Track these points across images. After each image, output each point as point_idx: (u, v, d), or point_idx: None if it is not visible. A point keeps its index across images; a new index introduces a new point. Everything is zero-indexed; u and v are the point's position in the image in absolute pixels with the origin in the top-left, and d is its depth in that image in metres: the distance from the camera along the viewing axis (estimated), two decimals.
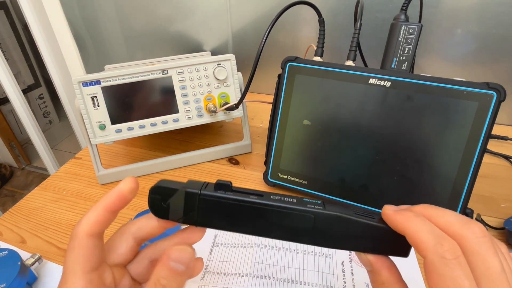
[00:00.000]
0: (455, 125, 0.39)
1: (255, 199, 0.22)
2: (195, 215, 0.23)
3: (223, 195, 0.23)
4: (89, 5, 0.86)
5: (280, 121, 0.48)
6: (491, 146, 0.60)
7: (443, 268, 0.17)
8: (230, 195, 0.23)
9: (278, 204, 0.22)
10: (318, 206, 0.22)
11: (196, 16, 0.79)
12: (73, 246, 0.22)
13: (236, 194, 0.23)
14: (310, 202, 0.23)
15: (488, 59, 0.64)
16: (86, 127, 0.50)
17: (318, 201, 0.23)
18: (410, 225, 0.20)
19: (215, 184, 0.23)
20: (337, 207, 0.22)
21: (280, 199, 0.23)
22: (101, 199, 0.23)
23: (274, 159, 0.50)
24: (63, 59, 1.00)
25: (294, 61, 0.46)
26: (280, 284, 0.38)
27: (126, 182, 0.23)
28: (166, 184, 0.24)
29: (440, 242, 0.18)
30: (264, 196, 0.23)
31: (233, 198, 0.22)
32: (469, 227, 0.19)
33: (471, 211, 0.42)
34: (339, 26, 0.69)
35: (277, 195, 0.23)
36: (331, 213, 0.22)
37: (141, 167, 0.56)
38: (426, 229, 0.19)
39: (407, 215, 0.20)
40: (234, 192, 0.23)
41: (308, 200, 0.23)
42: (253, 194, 0.23)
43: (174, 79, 0.52)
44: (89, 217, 0.23)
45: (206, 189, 0.23)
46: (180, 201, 0.23)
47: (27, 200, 0.53)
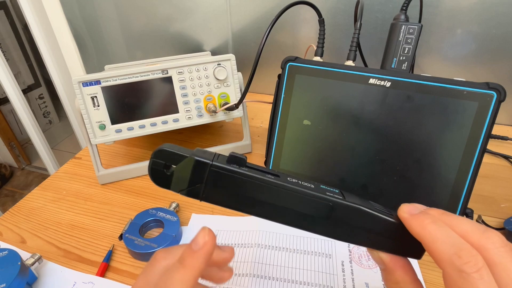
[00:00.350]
0: (455, 125, 0.39)
1: (271, 178, 0.20)
2: (202, 187, 0.21)
3: (236, 169, 0.20)
4: (89, 5, 0.86)
5: (280, 121, 0.48)
6: (491, 146, 0.60)
7: (462, 283, 0.16)
8: (244, 170, 0.20)
9: (296, 188, 0.20)
10: (337, 195, 0.21)
11: (196, 16, 0.79)
12: None
13: (250, 171, 0.20)
14: (328, 190, 0.21)
15: (488, 59, 0.64)
16: (86, 127, 0.50)
17: (336, 189, 0.22)
18: (426, 233, 0.18)
19: (228, 157, 0.21)
20: (356, 198, 0.21)
21: (298, 183, 0.21)
22: (187, 266, 0.20)
23: (274, 159, 0.50)
24: (63, 59, 1.00)
25: (294, 61, 0.46)
26: (280, 284, 0.38)
27: (209, 239, 0.21)
28: (172, 149, 0.21)
29: (457, 254, 0.16)
30: (280, 177, 0.21)
31: (248, 174, 0.20)
32: (488, 237, 0.17)
33: (471, 211, 0.42)
34: (339, 26, 0.69)
35: (294, 177, 0.21)
36: (350, 204, 0.20)
37: (141, 167, 0.56)
38: (442, 238, 0.18)
39: (423, 221, 0.19)
40: (248, 168, 0.21)
41: (326, 187, 0.21)
42: (269, 173, 0.21)
43: (174, 79, 0.52)
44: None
45: (218, 160, 0.21)
46: (186, 170, 0.21)
47: (27, 200, 0.53)
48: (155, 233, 0.46)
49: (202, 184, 0.21)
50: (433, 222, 0.19)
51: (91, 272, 0.41)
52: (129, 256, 0.43)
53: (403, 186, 0.43)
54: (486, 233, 0.17)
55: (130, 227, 0.44)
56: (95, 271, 0.41)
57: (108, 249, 0.44)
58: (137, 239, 0.42)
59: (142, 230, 0.45)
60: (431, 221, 0.19)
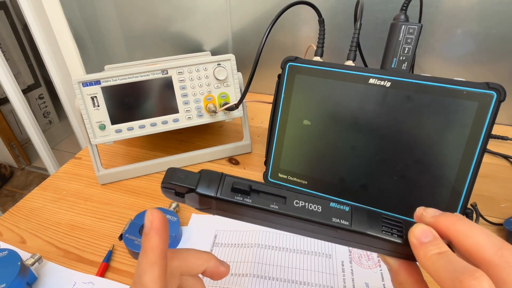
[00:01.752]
0: (455, 125, 0.39)
1: (276, 208, 0.21)
2: (211, 209, 0.22)
3: (240, 201, 0.21)
4: (89, 5, 0.86)
5: (280, 121, 0.48)
6: (491, 146, 0.60)
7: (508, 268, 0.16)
8: (248, 201, 0.21)
9: (301, 216, 0.21)
10: (344, 219, 0.21)
11: (196, 16, 0.79)
12: None
13: (255, 200, 0.21)
14: (336, 212, 0.21)
15: (488, 59, 0.64)
16: (86, 127, 0.50)
17: (346, 207, 0.22)
18: (430, 264, 0.18)
19: (231, 187, 0.22)
20: (364, 218, 0.21)
21: (304, 208, 0.21)
22: (147, 251, 0.21)
23: (274, 159, 0.50)
24: (63, 59, 1.00)
25: (294, 61, 0.46)
26: (280, 284, 0.38)
27: (154, 217, 0.21)
28: (178, 181, 0.22)
29: (458, 278, 0.16)
30: (286, 202, 0.21)
31: (252, 205, 0.21)
32: (501, 255, 0.17)
33: (471, 211, 0.42)
34: (339, 26, 0.69)
35: (301, 199, 0.21)
36: (356, 231, 0.21)
37: (141, 167, 0.56)
38: (445, 267, 0.18)
39: (428, 253, 0.19)
40: (253, 196, 0.21)
41: (334, 206, 0.21)
42: (276, 195, 0.22)
43: (174, 79, 0.52)
44: (152, 276, 0.20)
45: (222, 191, 0.21)
46: (194, 198, 0.22)
47: (27, 200, 0.53)
48: None
49: (211, 208, 0.22)
50: (438, 254, 0.18)
51: (91, 272, 0.41)
52: (129, 256, 0.43)
53: (403, 186, 0.43)
54: (501, 250, 0.17)
55: (130, 227, 0.44)
56: (95, 271, 0.41)
57: (108, 249, 0.44)
58: (137, 239, 0.42)
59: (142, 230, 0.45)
60: (437, 253, 0.19)
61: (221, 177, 0.22)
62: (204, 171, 0.22)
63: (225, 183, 0.22)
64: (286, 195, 0.22)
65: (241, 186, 0.21)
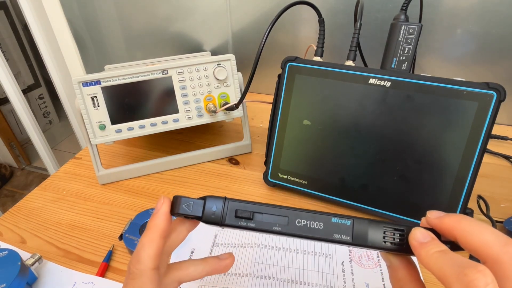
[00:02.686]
0: (455, 125, 0.39)
1: (279, 230, 0.22)
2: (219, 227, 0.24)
3: (245, 226, 0.23)
4: (89, 5, 0.86)
5: (280, 121, 0.48)
6: (491, 146, 0.60)
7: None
8: (252, 225, 0.23)
9: (303, 234, 0.22)
10: (346, 234, 0.22)
11: (196, 16, 0.79)
12: (142, 284, 0.22)
13: (258, 223, 0.23)
14: (337, 227, 0.22)
15: (488, 59, 0.64)
16: (86, 127, 0.50)
17: (347, 221, 0.22)
18: (433, 264, 0.19)
19: (235, 214, 0.23)
20: (366, 231, 0.21)
21: (306, 226, 0.22)
22: (151, 228, 0.23)
23: (274, 159, 0.50)
24: (63, 59, 1.00)
25: (294, 61, 0.46)
26: (280, 284, 0.38)
27: (165, 202, 0.24)
28: (184, 212, 0.24)
29: (463, 272, 0.17)
30: (288, 223, 0.22)
31: (256, 228, 0.23)
32: (507, 251, 0.17)
33: (471, 211, 0.42)
34: (339, 26, 0.69)
35: (303, 217, 0.22)
36: (358, 244, 0.22)
37: (141, 167, 0.56)
38: (448, 263, 0.18)
39: (429, 252, 0.19)
40: (256, 220, 0.23)
41: (336, 221, 0.22)
42: (278, 215, 0.23)
43: (174, 79, 0.52)
44: (149, 251, 0.22)
45: (227, 217, 0.23)
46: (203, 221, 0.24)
47: (27, 200, 0.53)
48: None
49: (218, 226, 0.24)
50: (439, 251, 0.19)
51: (91, 272, 0.41)
52: (129, 256, 0.43)
53: (403, 186, 0.43)
54: (507, 247, 0.17)
55: (130, 227, 0.44)
56: (95, 271, 0.41)
57: (108, 249, 0.44)
58: (137, 239, 0.42)
59: (142, 230, 0.45)
60: (437, 251, 0.19)
61: (224, 203, 0.23)
62: (208, 198, 0.24)
63: (228, 209, 0.23)
64: (288, 215, 0.22)
65: (244, 214, 0.23)
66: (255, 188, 0.53)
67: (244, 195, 0.52)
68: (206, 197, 0.23)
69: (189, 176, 0.57)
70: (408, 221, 0.43)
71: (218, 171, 0.58)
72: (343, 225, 0.22)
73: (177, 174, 0.57)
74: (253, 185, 0.54)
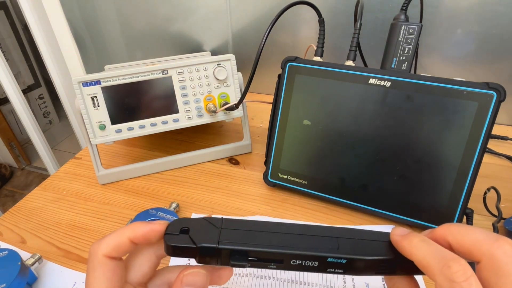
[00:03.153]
0: (455, 125, 0.39)
1: (274, 267, 0.22)
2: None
3: (240, 265, 0.22)
4: (89, 5, 0.86)
5: (280, 121, 0.48)
6: (491, 146, 0.60)
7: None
8: (248, 265, 0.22)
9: (298, 270, 0.22)
10: (340, 268, 0.22)
11: (196, 16, 0.79)
12: (93, 266, 0.21)
13: (254, 264, 0.22)
14: (332, 264, 0.22)
15: (488, 59, 0.64)
16: (86, 127, 0.50)
17: (343, 260, 0.21)
18: (416, 251, 0.19)
19: (230, 253, 0.22)
20: (361, 267, 0.21)
21: (301, 265, 0.22)
22: (129, 227, 0.22)
23: (274, 159, 0.50)
24: (63, 59, 1.00)
25: (294, 61, 0.46)
26: (280, 284, 0.38)
27: (161, 224, 0.22)
28: (178, 243, 0.22)
29: (447, 264, 0.17)
30: (284, 262, 0.22)
31: (251, 267, 0.22)
32: (499, 246, 0.17)
33: (471, 211, 0.42)
34: (339, 26, 0.69)
35: (298, 258, 0.22)
36: (351, 274, 0.22)
37: (141, 167, 0.56)
38: (431, 252, 0.18)
39: (412, 241, 0.20)
40: (251, 261, 0.22)
41: (332, 261, 0.21)
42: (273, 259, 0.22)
43: (174, 79, 0.52)
44: (109, 241, 0.22)
45: (222, 260, 0.22)
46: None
47: (27, 200, 0.53)
48: None
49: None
50: (420, 240, 0.20)
51: None
52: None
53: (403, 186, 0.43)
54: (498, 241, 0.17)
55: None
56: None
57: None
58: None
59: None
60: (420, 240, 0.20)
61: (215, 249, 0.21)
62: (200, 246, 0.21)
63: (222, 254, 0.22)
64: (283, 259, 0.22)
65: (238, 260, 0.22)
66: (255, 188, 0.53)
67: (244, 195, 0.52)
68: (197, 245, 0.22)
69: (189, 176, 0.57)
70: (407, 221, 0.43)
71: (218, 171, 0.58)
72: (338, 263, 0.22)
73: (177, 174, 0.57)
74: (253, 185, 0.54)
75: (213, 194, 0.52)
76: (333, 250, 0.22)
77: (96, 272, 0.21)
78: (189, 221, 0.23)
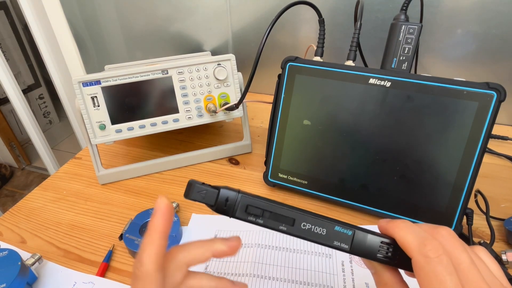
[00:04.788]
0: (455, 125, 0.39)
1: (284, 229, 0.24)
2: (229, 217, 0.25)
3: (253, 221, 0.24)
4: (89, 5, 0.86)
5: (280, 121, 0.48)
6: (491, 146, 0.60)
7: (427, 266, 0.20)
8: (260, 221, 0.24)
9: (306, 237, 0.24)
10: (345, 243, 0.23)
11: (196, 16, 0.79)
12: (144, 285, 0.22)
13: (266, 221, 0.24)
14: (339, 235, 0.23)
15: (488, 59, 0.64)
16: (86, 127, 0.50)
17: (349, 231, 0.23)
18: (398, 230, 0.22)
19: (245, 209, 0.24)
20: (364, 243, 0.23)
21: (310, 230, 0.23)
22: (150, 229, 0.23)
23: (274, 159, 0.50)
24: (63, 59, 1.00)
25: (294, 61, 0.46)
26: (280, 284, 0.38)
27: (162, 201, 0.24)
28: (197, 198, 0.24)
29: (423, 243, 0.20)
30: (294, 224, 0.24)
31: (263, 224, 0.24)
32: (438, 232, 0.21)
33: (471, 211, 0.42)
34: (339, 26, 0.69)
35: (309, 221, 0.23)
36: (354, 253, 0.23)
37: (141, 167, 0.56)
38: (411, 232, 0.21)
39: (396, 222, 0.23)
40: (264, 217, 0.24)
41: (339, 230, 0.23)
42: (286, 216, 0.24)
43: (174, 79, 0.52)
44: (149, 252, 0.23)
45: (238, 210, 0.24)
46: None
47: (27, 200, 0.53)
48: None
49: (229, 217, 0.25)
50: (403, 222, 0.23)
51: (91, 272, 0.41)
52: (129, 256, 0.43)
53: (403, 186, 0.43)
54: (437, 228, 0.21)
55: (130, 227, 0.44)
56: (95, 271, 0.41)
57: (108, 249, 0.44)
58: (137, 239, 0.42)
59: (142, 230, 0.45)
60: (402, 221, 0.23)
61: (237, 197, 0.24)
62: (222, 189, 0.24)
63: (240, 203, 0.24)
64: (295, 217, 0.24)
65: (254, 210, 0.24)
66: (255, 188, 0.53)
67: None
68: (219, 188, 0.24)
69: (189, 176, 0.57)
70: None
71: (218, 171, 0.58)
72: (344, 234, 0.23)
73: (177, 174, 0.57)
74: (253, 185, 0.54)
75: None
76: (340, 222, 0.24)
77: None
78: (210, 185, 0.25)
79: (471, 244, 0.41)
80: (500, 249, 0.41)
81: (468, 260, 0.20)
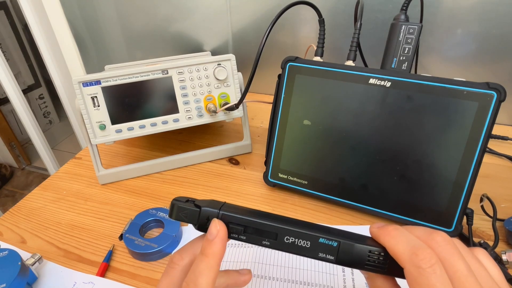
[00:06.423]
0: (455, 125, 0.39)
1: (267, 244, 0.24)
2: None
3: (236, 238, 0.24)
4: (89, 5, 0.86)
5: (280, 121, 0.48)
6: (491, 146, 0.60)
7: (419, 278, 0.18)
8: (243, 238, 0.24)
9: (290, 251, 0.23)
10: (330, 254, 0.23)
11: (196, 16, 0.79)
12: None
13: (248, 237, 0.24)
14: (323, 247, 0.23)
15: (488, 59, 0.64)
16: (86, 127, 0.50)
17: (334, 243, 0.23)
18: (390, 238, 0.21)
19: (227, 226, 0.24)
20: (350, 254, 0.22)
21: (294, 244, 0.23)
22: (209, 255, 0.23)
23: (274, 159, 0.50)
24: (63, 59, 1.00)
25: (294, 61, 0.46)
26: (281, 284, 0.38)
27: (221, 228, 0.23)
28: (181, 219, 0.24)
29: (415, 253, 0.19)
30: (277, 238, 0.23)
31: (246, 240, 0.24)
32: (432, 238, 0.20)
33: (471, 211, 0.42)
34: (339, 26, 0.69)
35: (291, 235, 0.23)
36: (341, 265, 0.23)
37: (141, 167, 0.56)
38: (402, 241, 0.20)
39: (387, 229, 0.22)
40: (247, 233, 0.24)
41: (323, 242, 0.23)
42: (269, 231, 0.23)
43: (174, 79, 0.52)
44: (208, 280, 0.22)
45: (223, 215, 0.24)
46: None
47: (27, 200, 0.53)
48: (155, 233, 0.46)
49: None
50: (395, 229, 0.22)
51: (91, 272, 0.41)
52: (129, 256, 0.43)
53: (403, 186, 0.43)
54: (432, 235, 0.20)
55: (130, 227, 0.44)
56: (95, 271, 0.41)
57: (108, 249, 0.44)
58: (137, 239, 0.42)
59: (142, 230, 0.45)
60: (394, 228, 0.22)
61: (218, 215, 0.24)
62: (203, 208, 0.24)
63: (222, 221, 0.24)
64: (278, 232, 0.23)
65: (235, 228, 0.24)
66: (255, 188, 0.53)
67: (244, 195, 0.52)
68: (201, 206, 0.24)
69: (189, 176, 0.57)
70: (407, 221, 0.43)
71: (218, 171, 0.58)
72: (329, 246, 0.23)
73: (177, 174, 0.57)
74: (253, 185, 0.54)
75: (213, 194, 0.52)
76: (325, 232, 0.23)
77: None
78: (195, 200, 0.25)
79: (471, 244, 0.41)
80: (500, 249, 0.41)
81: (464, 268, 0.19)
